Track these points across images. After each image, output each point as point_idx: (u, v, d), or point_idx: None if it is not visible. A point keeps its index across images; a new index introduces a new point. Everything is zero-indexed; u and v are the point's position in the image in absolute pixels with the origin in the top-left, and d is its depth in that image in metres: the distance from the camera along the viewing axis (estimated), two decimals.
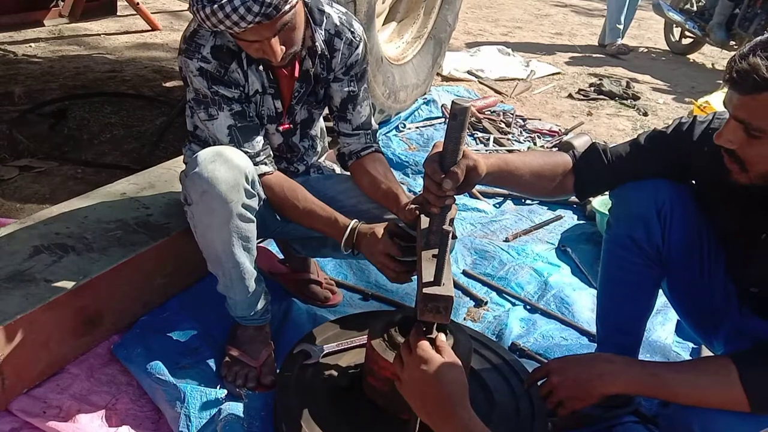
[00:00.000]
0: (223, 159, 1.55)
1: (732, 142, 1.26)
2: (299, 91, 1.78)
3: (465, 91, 4.51)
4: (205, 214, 1.57)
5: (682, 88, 5.61)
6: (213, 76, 1.63)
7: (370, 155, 1.87)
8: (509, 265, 2.47)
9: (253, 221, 1.63)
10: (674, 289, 1.67)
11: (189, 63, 1.63)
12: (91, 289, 1.71)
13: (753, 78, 1.16)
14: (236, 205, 1.56)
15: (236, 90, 1.67)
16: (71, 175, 2.89)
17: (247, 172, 1.58)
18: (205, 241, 1.63)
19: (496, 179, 1.52)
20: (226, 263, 1.64)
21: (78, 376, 1.69)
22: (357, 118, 1.85)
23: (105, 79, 4.16)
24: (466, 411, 1.11)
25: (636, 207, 1.56)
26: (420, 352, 1.16)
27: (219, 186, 1.53)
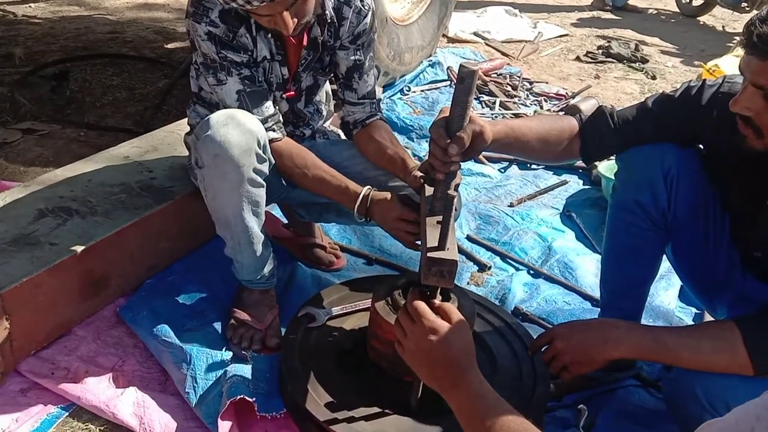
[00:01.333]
0: (236, 122, 1.54)
1: (749, 109, 1.23)
2: (306, 59, 1.76)
3: (471, 53, 4.45)
4: (216, 178, 1.56)
5: (692, 50, 5.52)
6: (221, 41, 1.61)
7: (375, 123, 1.86)
8: (513, 230, 2.47)
9: (263, 186, 1.63)
10: (678, 254, 1.66)
11: (197, 27, 1.60)
12: (96, 253, 1.72)
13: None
14: (248, 169, 1.55)
15: (245, 55, 1.65)
16: (74, 137, 2.88)
17: (260, 136, 1.57)
18: (215, 205, 1.63)
19: (503, 146, 1.50)
20: (235, 227, 1.64)
21: (85, 339, 1.71)
22: (363, 87, 1.84)
23: (106, 41, 4.11)
24: (476, 375, 1.10)
25: (642, 171, 1.54)
26: (426, 322, 1.15)
27: (231, 150, 1.52)
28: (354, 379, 1.54)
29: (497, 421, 1.00)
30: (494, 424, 1.00)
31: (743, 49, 1.22)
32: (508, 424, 1.00)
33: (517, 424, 1.00)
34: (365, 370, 1.55)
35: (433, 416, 1.45)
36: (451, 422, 1.43)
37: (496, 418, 1.01)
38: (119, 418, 1.50)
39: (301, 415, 1.49)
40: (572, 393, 1.67)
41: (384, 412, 1.45)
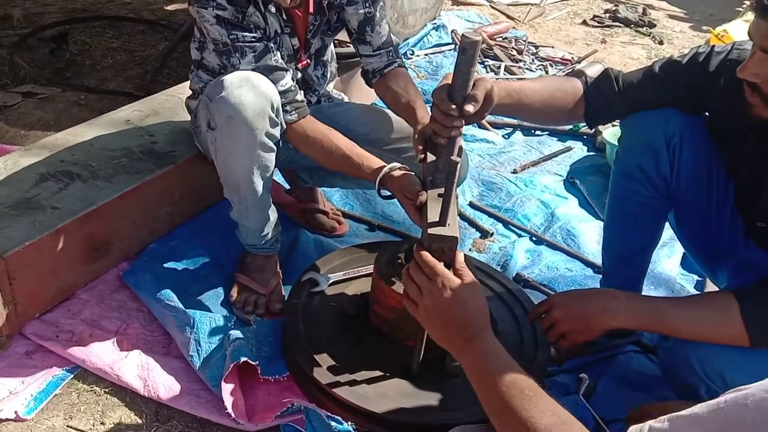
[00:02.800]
0: (251, 85, 1.52)
1: (758, 75, 1.21)
2: (314, 24, 1.74)
3: (476, 15, 4.37)
4: (229, 140, 1.55)
5: (700, 15, 5.42)
6: (231, 23, 1.57)
7: (393, 71, 1.83)
8: (516, 197, 2.46)
9: (273, 150, 1.62)
10: (681, 221, 1.66)
11: (204, 13, 1.56)
12: (98, 217, 1.72)
13: None
14: (261, 133, 1.54)
15: (258, 32, 1.62)
16: (74, 101, 2.86)
17: (273, 100, 1.55)
18: (225, 167, 1.62)
19: (506, 109, 1.48)
20: (244, 191, 1.63)
21: (88, 302, 1.72)
22: (377, 39, 1.81)
23: (105, 2, 4.04)
24: (490, 334, 1.10)
25: (646, 136, 1.53)
26: (445, 280, 1.14)
27: (246, 112, 1.50)
28: (356, 344, 1.55)
29: (508, 379, 1.00)
30: (505, 382, 1.00)
31: (753, 13, 1.19)
32: (518, 383, 0.99)
33: (526, 384, 0.99)
34: (367, 335, 1.57)
35: (434, 380, 1.47)
36: (451, 386, 1.46)
37: (507, 377, 1.01)
38: (123, 380, 1.51)
39: (303, 379, 1.50)
40: (573, 358, 1.69)
41: (385, 375, 1.47)
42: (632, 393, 1.60)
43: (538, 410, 0.95)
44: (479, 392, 1.05)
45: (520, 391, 0.99)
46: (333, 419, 1.37)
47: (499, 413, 0.99)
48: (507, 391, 0.99)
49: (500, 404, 0.99)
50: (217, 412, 1.45)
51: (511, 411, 0.96)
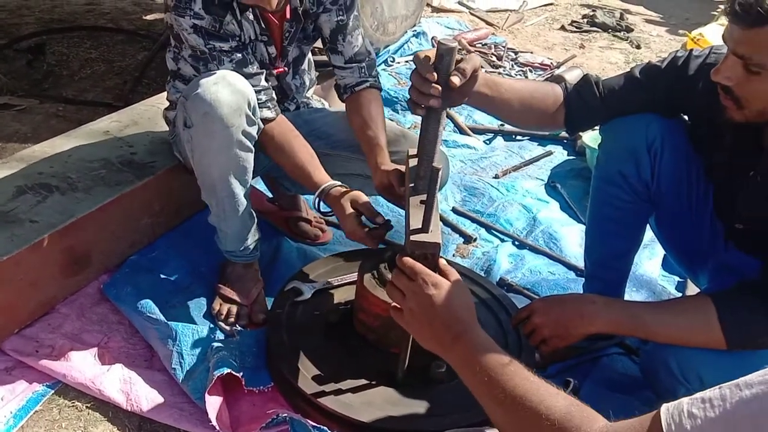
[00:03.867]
0: (227, 82, 1.52)
1: (730, 79, 1.23)
2: (289, 32, 1.74)
3: (456, 22, 4.40)
4: (204, 137, 1.54)
5: (676, 19, 5.50)
6: (208, 32, 1.57)
7: (365, 91, 1.82)
8: (498, 202, 2.47)
9: (251, 151, 1.61)
10: (662, 225, 1.68)
11: (181, 21, 1.56)
12: (78, 229, 1.70)
13: (757, 11, 1.12)
14: (237, 130, 1.53)
15: (233, 41, 1.62)
16: (52, 112, 2.83)
17: (250, 98, 1.55)
18: (202, 167, 1.61)
19: (484, 100, 1.47)
20: (221, 192, 1.62)
21: (69, 316, 1.70)
22: (348, 49, 1.80)
23: (83, 12, 4.02)
24: (479, 329, 1.08)
25: (626, 142, 1.54)
26: (426, 277, 1.12)
27: (221, 108, 1.50)
28: (341, 353, 1.54)
29: (510, 368, 0.98)
30: (506, 371, 0.98)
31: (726, 18, 1.21)
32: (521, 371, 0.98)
33: (528, 372, 0.98)
34: (352, 343, 1.56)
35: (419, 387, 1.46)
36: (437, 392, 1.45)
37: (508, 366, 0.99)
38: (106, 394, 1.49)
39: (288, 389, 1.49)
40: (557, 362, 1.69)
41: (371, 383, 1.46)
42: (616, 395, 1.61)
43: (549, 394, 0.93)
44: (476, 386, 1.02)
45: (525, 378, 0.96)
46: (318, 429, 1.36)
47: (505, 402, 0.96)
48: (510, 379, 0.97)
49: (504, 393, 0.96)
50: (201, 424, 1.44)
51: (518, 398, 0.94)
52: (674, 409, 0.76)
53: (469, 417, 1.37)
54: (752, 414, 0.68)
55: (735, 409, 0.70)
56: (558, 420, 0.89)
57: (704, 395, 0.74)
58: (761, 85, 1.19)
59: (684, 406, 0.75)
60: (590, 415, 0.89)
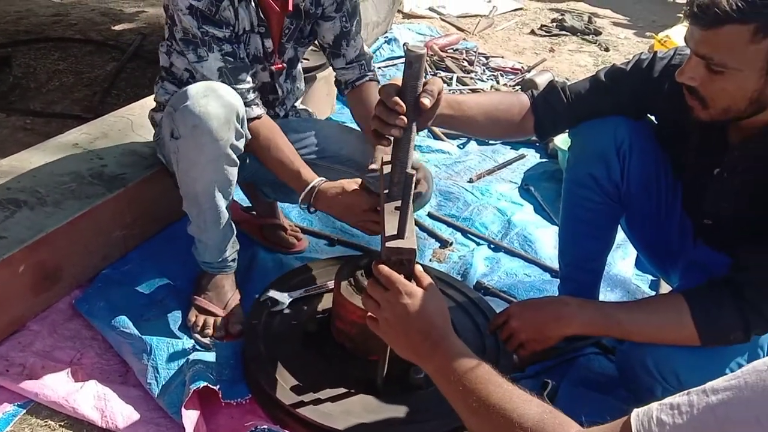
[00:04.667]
0: (216, 95, 1.50)
1: (694, 79, 1.25)
2: (289, 28, 1.74)
3: (427, 28, 4.42)
4: (193, 150, 1.52)
5: (643, 22, 5.60)
6: (204, 15, 1.56)
7: (365, 85, 1.84)
8: (473, 206, 2.48)
9: (236, 164, 1.60)
10: (633, 225, 1.70)
11: (177, 1, 1.55)
12: (48, 244, 1.67)
13: (714, 11, 1.15)
14: (225, 144, 1.52)
15: (227, 30, 1.60)
16: (20, 126, 2.78)
17: (239, 110, 1.54)
18: (187, 178, 1.58)
19: (447, 120, 1.47)
20: (204, 204, 1.60)
21: (40, 333, 1.66)
22: (351, 53, 1.83)
23: (50, 24, 3.96)
24: (454, 337, 1.09)
25: (596, 145, 1.56)
26: (400, 286, 1.12)
27: (211, 122, 1.48)
28: (319, 361, 1.54)
29: (484, 377, 0.99)
30: (480, 379, 0.99)
31: (686, 20, 1.23)
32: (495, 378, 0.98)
33: (502, 379, 0.98)
34: (330, 352, 1.55)
35: (399, 394, 1.46)
36: (416, 399, 1.45)
37: (482, 374, 0.99)
38: (80, 412, 1.46)
39: (266, 400, 1.48)
40: (535, 363, 1.70)
41: (350, 392, 1.46)
42: (592, 394, 1.62)
43: (522, 401, 0.94)
44: (452, 395, 1.03)
45: (498, 386, 0.97)
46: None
47: (479, 411, 0.96)
48: (484, 387, 0.97)
49: (478, 402, 0.97)
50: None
51: (492, 406, 0.95)
52: (644, 415, 0.77)
53: (448, 422, 1.37)
54: (718, 419, 0.70)
55: (702, 415, 0.71)
56: (531, 428, 0.90)
57: (673, 401, 0.75)
58: (724, 83, 1.22)
59: (653, 412, 0.76)
60: (563, 422, 0.91)
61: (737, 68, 1.19)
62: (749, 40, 1.15)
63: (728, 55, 1.18)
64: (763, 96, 1.22)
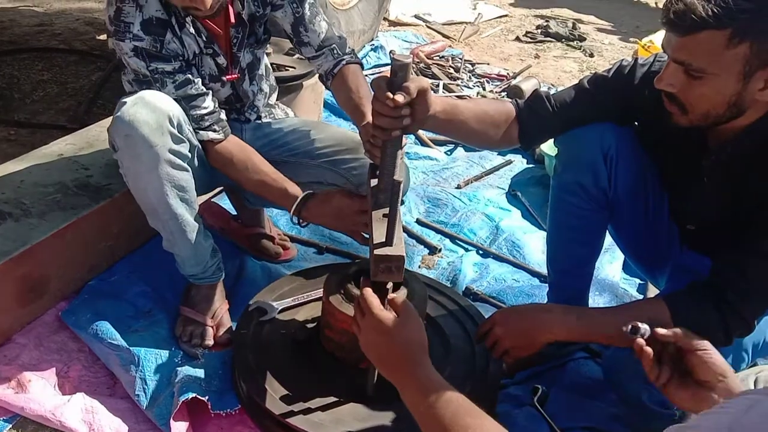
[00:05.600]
0: (144, 102, 1.50)
1: (673, 86, 1.27)
2: (237, 37, 1.72)
3: (413, 36, 4.45)
4: (131, 160, 1.51)
5: (627, 27, 5.66)
6: (150, 54, 1.55)
7: (343, 69, 1.80)
8: (461, 212, 2.49)
9: (186, 170, 1.58)
10: (620, 230, 1.71)
11: (122, 45, 1.54)
12: (33, 256, 1.65)
13: (691, 17, 1.17)
14: (162, 149, 1.50)
15: (176, 62, 1.60)
16: (3, 137, 2.75)
17: (171, 114, 1.52)
18: (138, 191, 1.57)
19: (442, 123, 1.47)
20: (163, 215, 1.58)
21: (26, 346, 1.64)
22: (314, 38, 1.78)
23: (34, 34, 3.93)
24: (422, 369, 1.11)
25: (582, 152, 1.57)
26: (371, 318, 1.16)
27: (141, 128, 1.47)
28: (309, 370, 1.53)
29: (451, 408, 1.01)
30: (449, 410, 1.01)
31: (663, 27, 1.25)
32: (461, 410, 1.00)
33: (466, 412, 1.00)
34: (320, 361, 1.55)
35: (389, 402, 1.45)
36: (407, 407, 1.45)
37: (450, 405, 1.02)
38: (67, 425, 1.45)
39: (256, 410, 1.47)
40: (524, 370, 1.71)
41: (340, 400, 1.45)
42: (581, 399, 1.63)
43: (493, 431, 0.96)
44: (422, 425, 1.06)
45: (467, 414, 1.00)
46: None
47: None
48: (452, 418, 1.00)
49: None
50: None
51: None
52: None
53: None
54: None
55: None
56: None
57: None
58: (703, 89, 1.24)
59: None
60: None
61: (715, 73, 1.20)
62: (725, 45, 1.17)
63: (706, 61, 1.20)
64: (741, 100, 1.24)
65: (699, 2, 1.16)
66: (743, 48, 1.16)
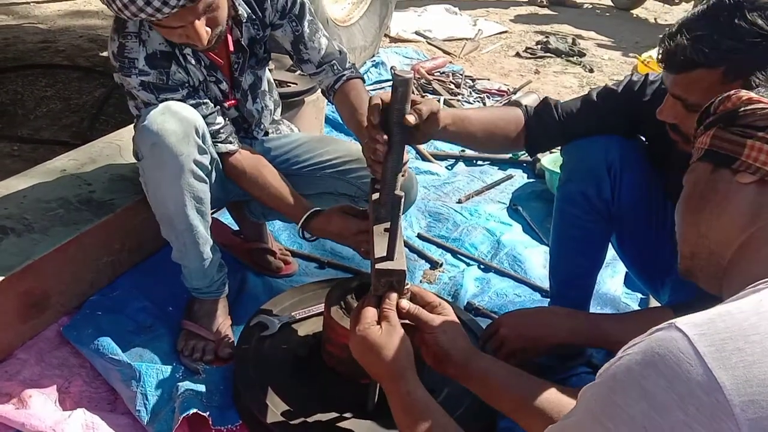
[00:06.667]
0: (172, 112, 1.52)
1: (674, 117, 1.30)
2: (238, 62, 1.74)
3: (414, 52, 4.48)
4: (155, 168, 1.53)
5: (626, 43, 5.69)
6: (157, 86, 1.58)
7: (345, 84, 1.81)
8: (463, 227, 2.49)
9: (205, 181, 1.59)
10: (623, 243, 1.71)
11: (129, 80, 1.57)
12: (35, 272, 1.65)
13: (679, 58, 1.20)
14: (187, 159, 1.52)
15: (184, 89, 1.62)
16: (7, 152, 2.77)
17: (197, 125, 1.54)
18: (157, 200, 1.58)
19: (451, 134, 1.50)
20: (179, 225, 1.60)
21: (27, 362, 1.64)
22: (315, 55, 1.79)
23: (38, 50, 3.97)
24: (405, 384, 1.11)
25: (587, 163, 1.58)
26: (358, 331, 1.17)
27: (168, 138, 1.48)
28: (310, 386, 1.53)
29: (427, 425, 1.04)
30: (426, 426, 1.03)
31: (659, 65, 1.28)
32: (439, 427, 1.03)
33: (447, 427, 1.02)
34: (321, 376, 1.54)
35: (390, 416, 1.44)
36: None
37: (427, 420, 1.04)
38: None
39: (257, 426, 1.46)
40: None
41: (341, 416, 1.45)
42: None
43: None
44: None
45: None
46: None
47: None
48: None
49: None
50: None
51: None
52: None
53: None
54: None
55: None
56: None
57: None
58: None
59: None
60: None
61: None
62: (721, 82, 1.19)
63: (702, 96, 1.21)
64: None
65: (689, 43, 1.18)
66: (737, 85, 1.18)
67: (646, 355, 0.68)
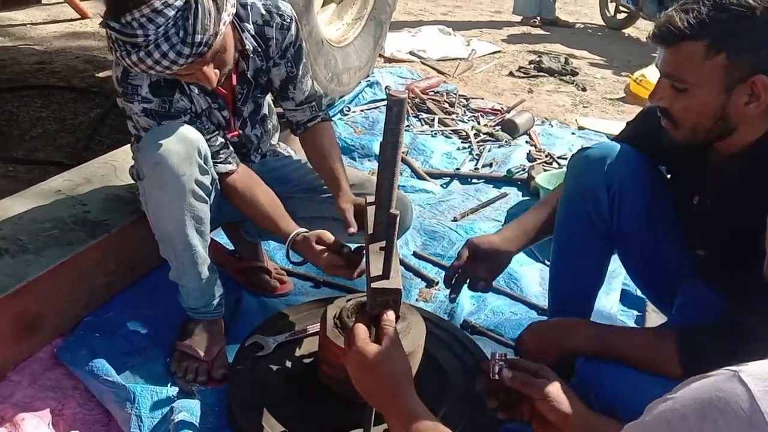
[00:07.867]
0: (175, 132, 1.53)
1: (663, 100, 1.32)
2: (242, 93, 1.75)
3: (408, 72, 4.51)
4: (156, 189, 1.53)
5: (619, 62, 5.75)
6: (159, 114, 1.59)
7: (317, 126, 1.85)
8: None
9: (206, 202, 1.60)
10: (628, 261, 1.71)
11: (131, 106, 1.58)
12: (29, 293, 1.64)
13: (670, 29, 1.23)
14: (189, 179, 1.52)
15: (186, 116, 1.63)
16: (2, 173, 2.76)
17: (200, 146, 1.55)
18: (157, 220, 1.59)
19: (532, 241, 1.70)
20: (179, 245, 1.60)
21: (20, 384, 1.63)
22: (299, 95, 1.83)
23: (33, 72, 3.98)
24: (404, 402, 1.10)
25: (587, 180, 1.58)
26: (354, 350, 1.16)
27: (171, 158, 1.49)
28: (306, 406, 1.52)
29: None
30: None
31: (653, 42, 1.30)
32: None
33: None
34: (317, 397, 1.53)
35: None
36: None
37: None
38: None
39: None
40: None
41: None
42: None
43: None
44: None
45: None
46: None
47: None
48: None
49: None
50: None
51: None
52: None
53: None
54: None
55: None
56: None
57: None
58: (688, 101, 1.28)
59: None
60: None
61: (697, 84, 1.25)
62: (704, 56, 1.22)
63: (687, 72, 1.25)
64: (726, 114, 1.27)
65: (677, 15, 1.23)
66: (720, 59, 1.21)
67: (703, 405, 0.63)
